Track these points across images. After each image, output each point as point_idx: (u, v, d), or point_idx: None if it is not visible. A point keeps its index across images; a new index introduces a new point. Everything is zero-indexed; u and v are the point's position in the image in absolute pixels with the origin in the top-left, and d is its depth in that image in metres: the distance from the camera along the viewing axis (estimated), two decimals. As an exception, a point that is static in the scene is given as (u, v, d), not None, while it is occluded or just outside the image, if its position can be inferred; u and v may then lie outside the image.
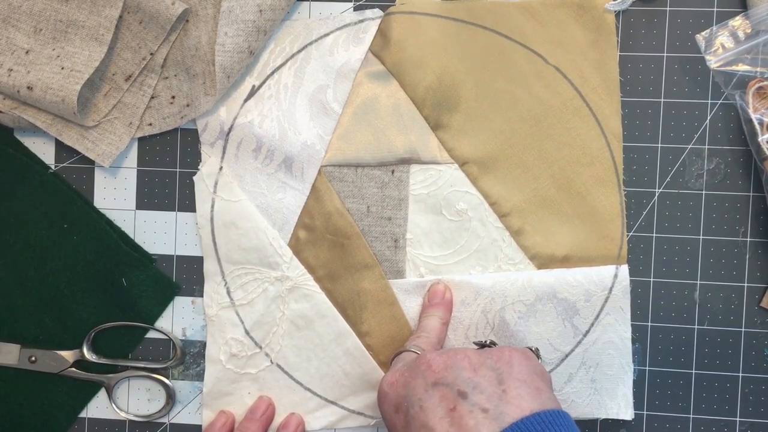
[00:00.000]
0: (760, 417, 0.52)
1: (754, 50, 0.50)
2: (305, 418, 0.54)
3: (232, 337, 0.54)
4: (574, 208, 0.52)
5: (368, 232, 0.53)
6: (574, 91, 0.52)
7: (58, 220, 0.55)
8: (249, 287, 0.54)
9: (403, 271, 0.53)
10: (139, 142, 0.55)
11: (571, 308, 0.51)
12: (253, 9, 0.51)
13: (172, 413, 0.56)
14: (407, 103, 0.53)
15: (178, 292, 0.55)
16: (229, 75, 0.52)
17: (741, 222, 0.52)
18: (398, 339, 0.53)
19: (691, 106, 0.52)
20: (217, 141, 0.54)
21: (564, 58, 0.52)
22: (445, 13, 0.53)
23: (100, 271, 0.55)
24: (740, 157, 0.52)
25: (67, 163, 0.56)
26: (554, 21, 0.52)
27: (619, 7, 0.52)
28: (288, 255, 0.54)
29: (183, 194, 0.55)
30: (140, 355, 0.56)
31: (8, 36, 0.53)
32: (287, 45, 0.54)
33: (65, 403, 0.56)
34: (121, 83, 0.54)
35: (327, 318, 0.53)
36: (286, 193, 0.54)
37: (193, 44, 0.53)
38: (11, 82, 0.52)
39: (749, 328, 0.52)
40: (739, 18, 0.51)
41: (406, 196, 0.53)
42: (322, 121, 0.53)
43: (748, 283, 0.52)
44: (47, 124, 0.53)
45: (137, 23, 0.53)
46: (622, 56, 0.52)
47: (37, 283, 0.55)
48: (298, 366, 0.54)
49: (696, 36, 0.51)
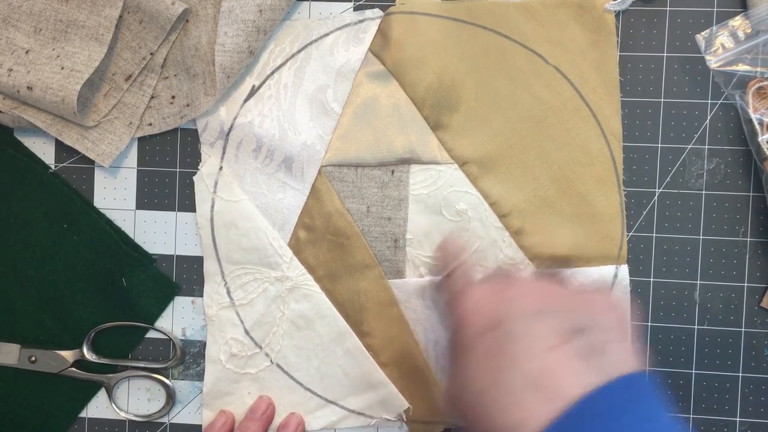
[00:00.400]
0: (760, 417, 0.52)
1: (754, 50, 0.50)
2: (305, 418, 0.54)
3: (232, 337, 0.54)
4: (574, 208, 0.52)
5: (368, 232, 0.53)
6: (574, 91, 0.52)
7: (58, 220, 0.55)
8: (249, 287, 0.54)
9: (403, 272, 0.53)
10: (139, 142, 0.55)
11: (571, 308, 0.51)
12: (253, 9, 0.51)
13: (172, 413, 0.56)
14: (407, 103, 0.53)
15: (178, 292, 0.55)
16: (229, 75, 0.52)
17: (741, 222, 0.52)
18: (398, 339, 0.53)
19: (691, 106, 0.52)
20: (217, 141, 0.54)
21: (564, 58, 0.52)
22: (445, 13, 0.53)
23: (100, 271, 0.55)
24: (740, 157, 0.52)
25: (67, 163, 0.56)
26: (554, 21, 0.52)
27: (619, 7, 0.52)
28: (288, 255, 0.54)
29: (183, 194, 0.55)
30: (140, 355, 0.56)
31: (8, 36, 0.53)
32: (287, 45, 0.54)
33: (65, 403, 0.56)
34: (121, 83, 0.54)
35: (327, 318, 0.53)
36: (286, 193, 0.54)
37: (193, 44, 0.53)
38: (11, 82, 0.52)
39: (749, 328, 0.52)
40: (739, 18, 0.51)
41: (406, 197, 0.53)
42: (322, 121, 0.53)
43: (748, 283, 0.52)
44: (47, 124, 0.53)
45: (137, 23, 0.53)
46: (622, 56, 0.52)
47: (37, 283, 0.55)
48: (298, 366, 0.54)
49: (696, 36, 0.51)
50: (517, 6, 0.52)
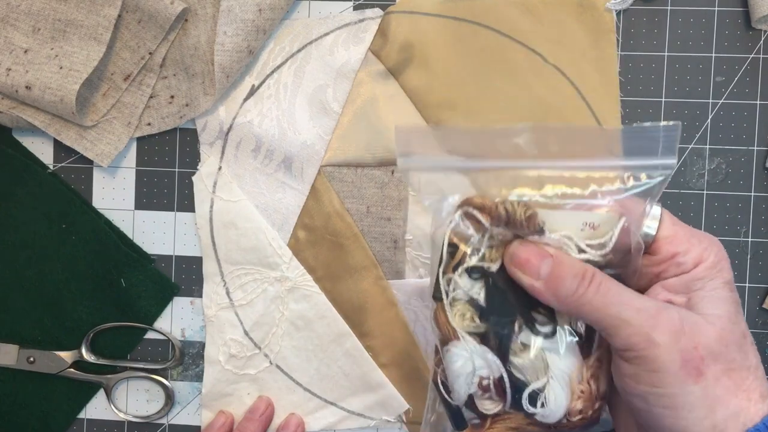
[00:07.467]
0: (762, 418, 0.52)
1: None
2: (305, 419, 0.54)
3: (231, 337, 0.54)
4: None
5: (368, 233, 0.53)
6: (574, 90, 0.52)
7: (57, 220, 0.55)
8: (248, 288, 0.54)
9: (403, 272, 0.53)
10: (137, 141, 0.55)
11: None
12: (253, 8, 0.51)
13: (171, 414, 0.55)
14: (407, 103, 0.53)
15: (177, 293, 0.55)
16: (228, 74, 0.51)
17: (742, 222, 0.52)
18: (398, 340, 0.53)
19: (691, 105, 0.52)
20: (216, 141, 0.54)
21: (564, 57, 0.52)
22: (445, 13, 0.53)
23: (99, 271, 0.55)
24: (742, 156, 0.52)
25: (65, 163, 0.56)
26: (554, 20, 0.52)
27: (620, 7, 0.52)
28: (287, 255, 0.53)
29: (182, 194, 0.55)
30: (139, 356, 0.56)
31: (6, 35, 0.53)
32: (287, 44, 0.54)
33: (64, 404, 0.55)
34: (120, 83, 0.54)
35: (326, 319, 0.53)
36: (285, 193, 0.54)
37: (192, 43, 0.53)
38: (10, 81, 0.52)
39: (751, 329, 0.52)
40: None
41: (405, 197, 0.53)
42: (321, 120, 0.53)
43: (749, 284, 0.52)
44: (46, 124, 0.53)
45: (136, 22, 0.53)
46: (623, 56, 0.52)
47: (35, 284, 0.55)
48: (298, 367, 0.54)
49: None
50: (517, 5, 0.52)
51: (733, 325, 0.36)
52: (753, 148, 0.52)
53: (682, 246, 0.37)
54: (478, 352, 0.37)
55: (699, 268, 0.37)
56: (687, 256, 0.37)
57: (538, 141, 0.38)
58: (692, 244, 0.37)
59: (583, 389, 0.36)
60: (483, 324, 0.37)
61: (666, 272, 0.37)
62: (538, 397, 0.36)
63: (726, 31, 0.52)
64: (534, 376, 0.37)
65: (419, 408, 0.53)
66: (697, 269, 0.37)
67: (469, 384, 0.37)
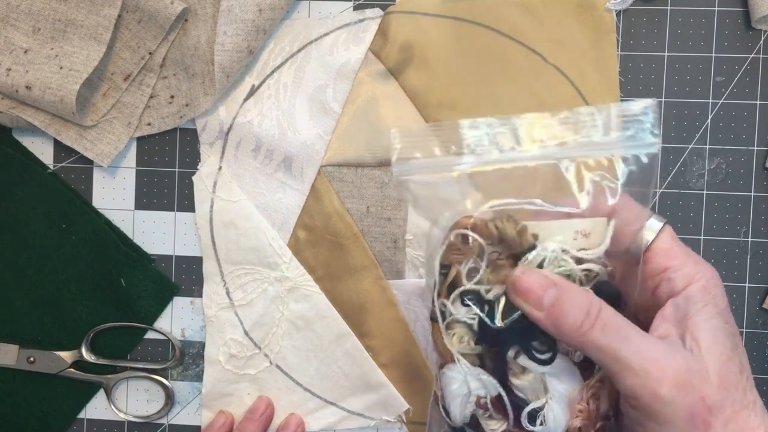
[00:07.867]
0: (762, 418, 0.52)
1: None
2: (305, 419, 0.54)
3: (231, 337, 0.54)
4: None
5: (368, 233, 0.53)
6: (574, 90, 0.52)
7: (57, 220, 0.55)
8: (248, 288, 0.54)
9: (403, 272, 0.53)
10: (138, 141, 0.55)
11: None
12: (253, 8, 0.51)
13: (171, 414, 0.55)
14: (407, 103, 0.53)
15: (177, 293, 0.55)
16: (228, 74, 0.51)
17: (742, 222, 0.52)
18: (398, 340, 0.53)
19: (691, 105, 0.52)
20: (216, 141, 0.54)
21: (564, 57, 0.52)
22: (445, 13, 0.53)
23: (99, 271, 0.55)
24: (741, 156, 0.52)
25: (65, 163, 0.56)
26: (554, 20, 0.52)
27: (620, 7, 0.52)
28: (287, 255, 0.53)
29: (182, 194, 0.55)
30: (139, 356, 0.56)
31: (7, 35, 0.53)
32: (287, 44, 0.54)
33: (64, 404, 0.55)
34: (120, 83, 0.54)
35: (326, 319, 0.53)
36: (285, 193, 0.54)
37: (193, 43, 0.53)
38: (10, 81, 0.52)
39: (750, 329, 0.52)
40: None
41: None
42: (321, 120, 0.53)
43: (749, 284, 0.52)
44: (46, 124, 0.53)
45: (136, 22, 0.53)
46: (623, 56, 0.52)
47: (35, 283, 0.55)
48: (298, 367, 0.54)
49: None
50: (517, 5, 0.52)
51: (729, 361, 0.34)
52: (753, 148, 0.52)
53: (675, 261, 0.36)
54: (472, 373, 0.36)
55: (689, 289, 0.35)
56: (678, 272, 0.36)
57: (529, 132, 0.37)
58: (685, 262, 0.36)
59: (582, 408, 0.36)
60: (479, 347, 0.36)
61: (659, 288, 0.36)
62: (537, 415, 0.36)
63: (726, 31, 0.52)
64: (534, 396, 0.36)
65: (419, 408, 0.53)
66: (687, 290, 0.35)
67: (464, 406, 0.37)
